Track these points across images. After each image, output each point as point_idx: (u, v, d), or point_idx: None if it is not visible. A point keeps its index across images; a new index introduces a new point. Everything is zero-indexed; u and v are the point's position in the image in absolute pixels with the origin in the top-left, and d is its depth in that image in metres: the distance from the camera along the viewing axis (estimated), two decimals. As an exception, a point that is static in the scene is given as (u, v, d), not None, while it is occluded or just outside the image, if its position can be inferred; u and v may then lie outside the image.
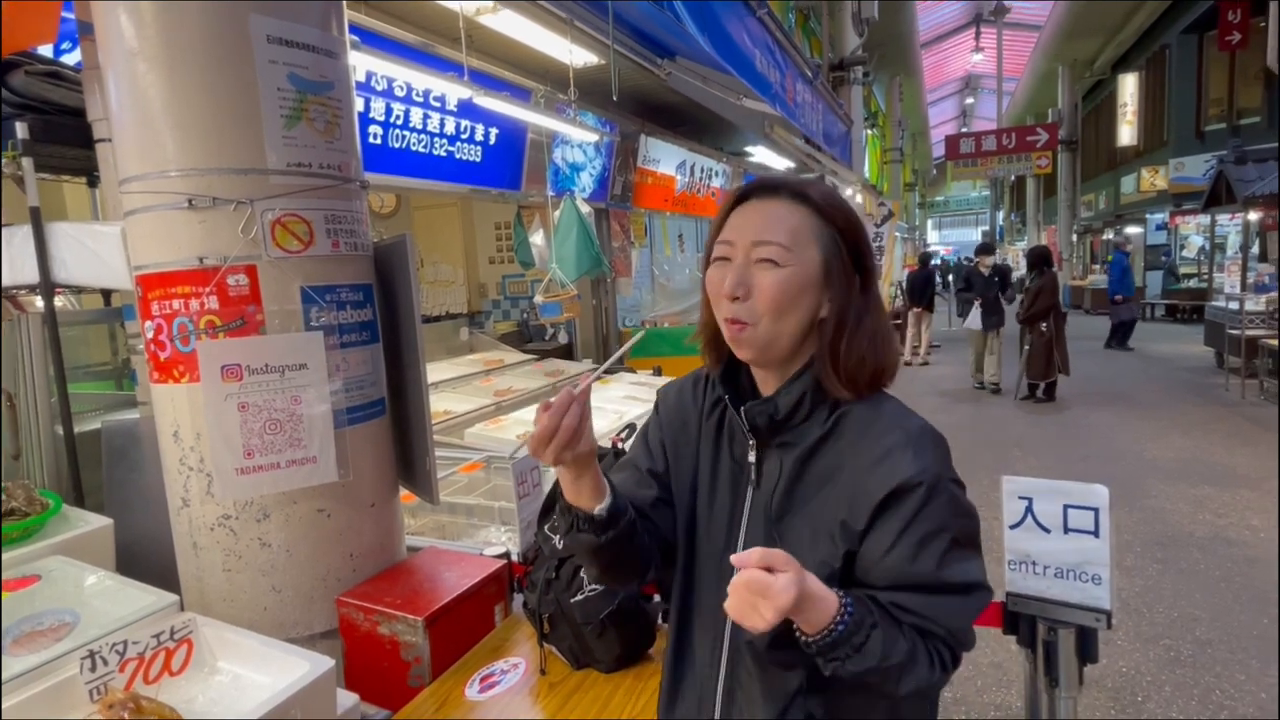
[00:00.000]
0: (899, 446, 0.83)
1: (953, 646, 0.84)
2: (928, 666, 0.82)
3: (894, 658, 0.79)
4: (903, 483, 0.81)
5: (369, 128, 3.25)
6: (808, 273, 0.85)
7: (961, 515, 0.84)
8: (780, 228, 0.85)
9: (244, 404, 1.33)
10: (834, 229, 0.87)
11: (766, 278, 0.84)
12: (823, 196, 0.88)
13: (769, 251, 0.84)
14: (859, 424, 0.87)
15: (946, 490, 0.83)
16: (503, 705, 1.25)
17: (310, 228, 1.38)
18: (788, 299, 0.84)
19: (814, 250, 0.86)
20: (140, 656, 1.08)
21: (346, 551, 1.46)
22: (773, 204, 0.87)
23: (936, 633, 0.83)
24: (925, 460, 0.83)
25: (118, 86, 1.34)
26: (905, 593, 0.82)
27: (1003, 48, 19.34)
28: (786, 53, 4.79)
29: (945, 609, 0.83)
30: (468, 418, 3.22)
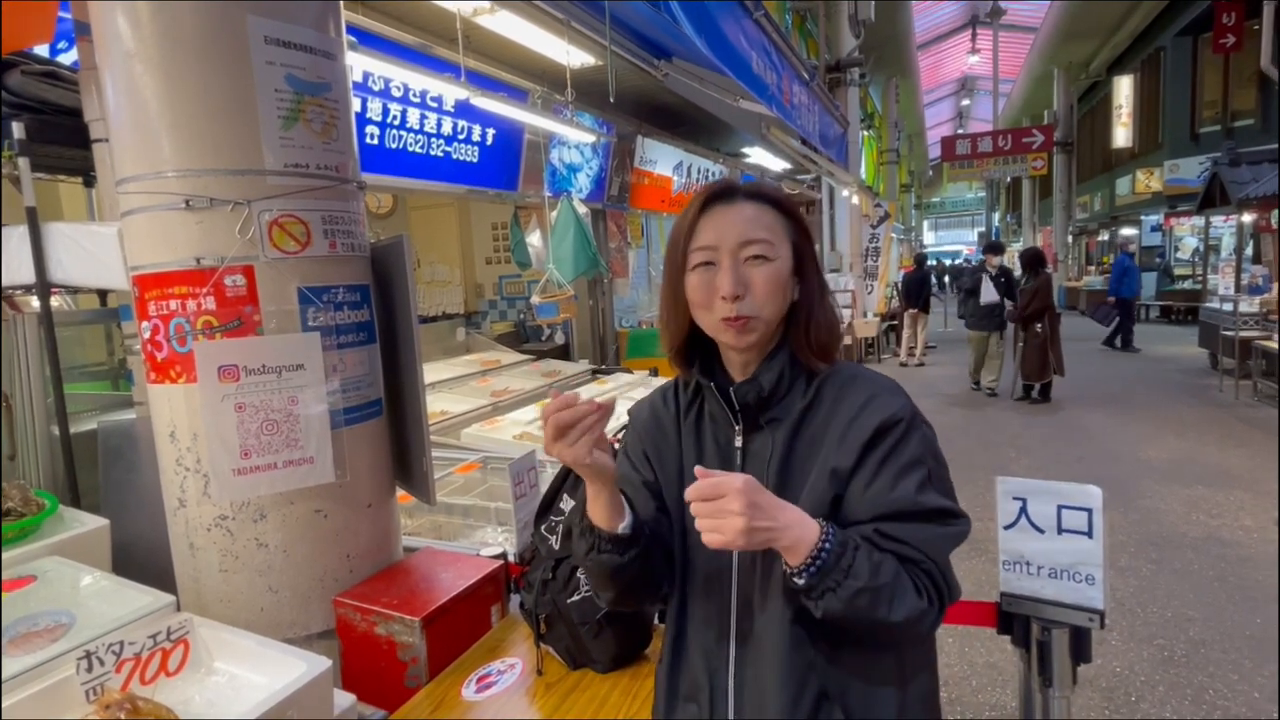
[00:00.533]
0: (878, 394, 0.92)
1: (936, 580, 0.86)
2: (915, 593, 0.84)
3: (882, 577, 0.81)
4: (886, 419, 0.88)
5: (366, 128, 3.25)
6: (786, 265, 0.93)
7: (934, 456, 0.91)
8: (761, 226, 0.92)
9: (241, 404, 1.33)
10: (795, 223, 0.96)
11: (760, 272, 0.91)
12: (780, 196, 0.97)
13: (760, 248, 0.91)
14: (836, 387, 0.94)
15: (920, 428, 0.90)
16: (499, 705, 1.25)
17: (307, 228, 1.38)
18: (779, 288, 0.92)
19: (785, 246, 0.94)
20: (137, 657, 1.08)
21: (343, 552, 1.47)
22: (742, 207, 0.93)
23: (919, 561, 0.85)
24: (902, 401, 0.92)
25: (114, 87, 1.34)
26: (887, 521, 0.86)
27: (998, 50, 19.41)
28: (783, 54, 4.80)
29: (925, 535, 0.86)
30: (465, 418, 3.22)
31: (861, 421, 0.89)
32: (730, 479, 0.77)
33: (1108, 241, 19.50)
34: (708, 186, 0.97)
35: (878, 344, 11.34)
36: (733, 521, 0.76)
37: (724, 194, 0.95)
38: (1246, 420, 6.48)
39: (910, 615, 0.83)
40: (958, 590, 0.90)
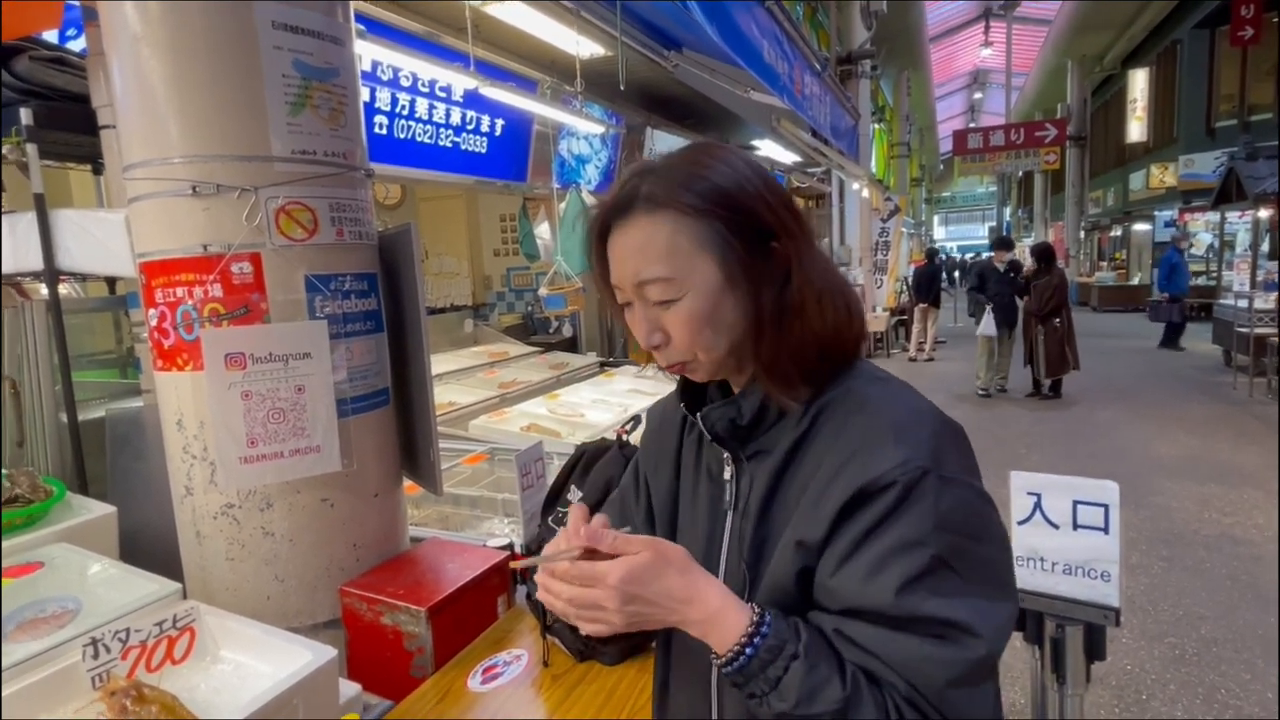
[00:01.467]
0: (878, 437, 0.66)
1: (924, 712, 0.61)
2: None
3: (818, 704, 0.61)
4: (869, 482, 0.64)
5: (375, 118, 3.24)
6: (709, 287, 0.70)
7: (958, 527, 0.63)
8: (652, 256, 0.69)
9: (247, 392, 1.32)
10: (714, 221, 0.69)
11: (670, 318, 0.71)
12: (676, 183, 0.69)
13: (655, 292, 0.70)
14: (838, 416, 0.70)
15: (933, 490, 0.62)
16: (505, 696, 1.24)
17: (315, 216, 1.37)
18: (703, 326, 0.70)
19: (704, 259, 0.69)
20: (142, 644, 1.07)
21: (350, 541, 1.46)
22: (634, 228, 0.71)
23: (894, 684, 0.62)
24: (908, 450, 0.64)
25: (121, 72, 1.33)
26: (855, 620, 0.64)
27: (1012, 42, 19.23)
28: (794, 44, 4.76)
29: (904, 651, 0.62)
30: (472, 409, 3.21)
31: (841, 481, 0.65)
32: (607, 571, 0.63)
33: (1121, 237, 19.33)
34: (608, 198, 0.74)
35: (887, 339, 11.29)
36: (607, 616, 0.64)
37: (617, 210, 0.72)
38: (1260, 418, 6.41)
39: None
40: (972, 709, 0.62)
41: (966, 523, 0.64)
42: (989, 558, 0.65)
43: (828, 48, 10.02)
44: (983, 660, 0.61)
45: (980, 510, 0.66)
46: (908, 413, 0.68)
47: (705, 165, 0.70)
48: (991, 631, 0.62)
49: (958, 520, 0.63)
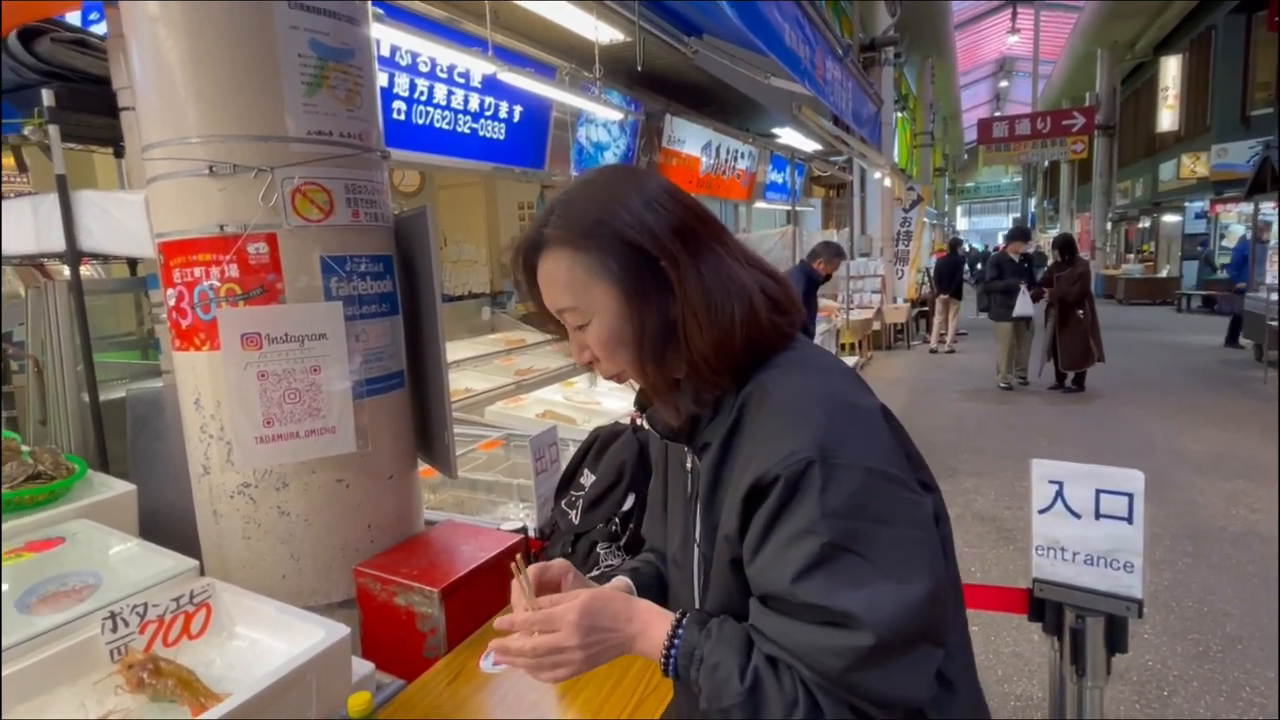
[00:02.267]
0: (772, 430, 0.69)
1: (834, 695, 0.64)
2: (781, 710, 0.65)
3: (725, 699, 0.67)
4: (759, 476, 0.67)
5: (392, 103, 3.24)
6: (609, 310, 0.75)
7: (851, 512, 0.64)
8: (557, 288, 0.77)
9: (263, 373, 1.33)
10: (597, 253, 0.74)
11: (588, 340, 0.78)
12: (569, 225, 0.75)
13: (569, 319, 0.78)
14: (753, 408, 0.74)
15: (819, 479, 0.64)
16: (518, 678, 1.24)
17: (330, 197, 1.37)
18: (613, 345, 0.76)
19: (600, 288, 0.74)
20: (160, 619, 1.08)
21: (365, 522, 1.47)
22: (543, 262, 0.78)
23: (799, 670, 0.66)
24: (794, 442, 0.66)
25: (140, 53, 1.33)
26: (766, 611, 0.69)
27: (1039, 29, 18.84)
28: (817, 28, 4.69)
29: (800, 637, 0.65)
30: (488, 396, 3.22)
31: (746, 475, 0.69)
32: (564, 610, 0.73)
33: (1149, 228, 18.95)
34: (520, 238, 0.80)
35: (907, 330, 11.17)
36: (570, 655, 0.73)
37: (532, 249, 0.78)
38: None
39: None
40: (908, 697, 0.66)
41: (861, 507, 0.64)
42: (892, 539, 0.65)
43: (850, 34, 9.88)
44: (874, 648, 0.62)
45: (879, 492, 0.66)
46: (805, 401, 0.70)
47: (592, 198, 0.76)
48: (883, 618, 0.62)
49: (850, 505, 0.64)
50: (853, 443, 0.67)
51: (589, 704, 1.17)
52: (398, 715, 1.16)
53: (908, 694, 0.65)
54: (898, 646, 0.63)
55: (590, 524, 1.33)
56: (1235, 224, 15.21)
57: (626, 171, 0.82)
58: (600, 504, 1.34)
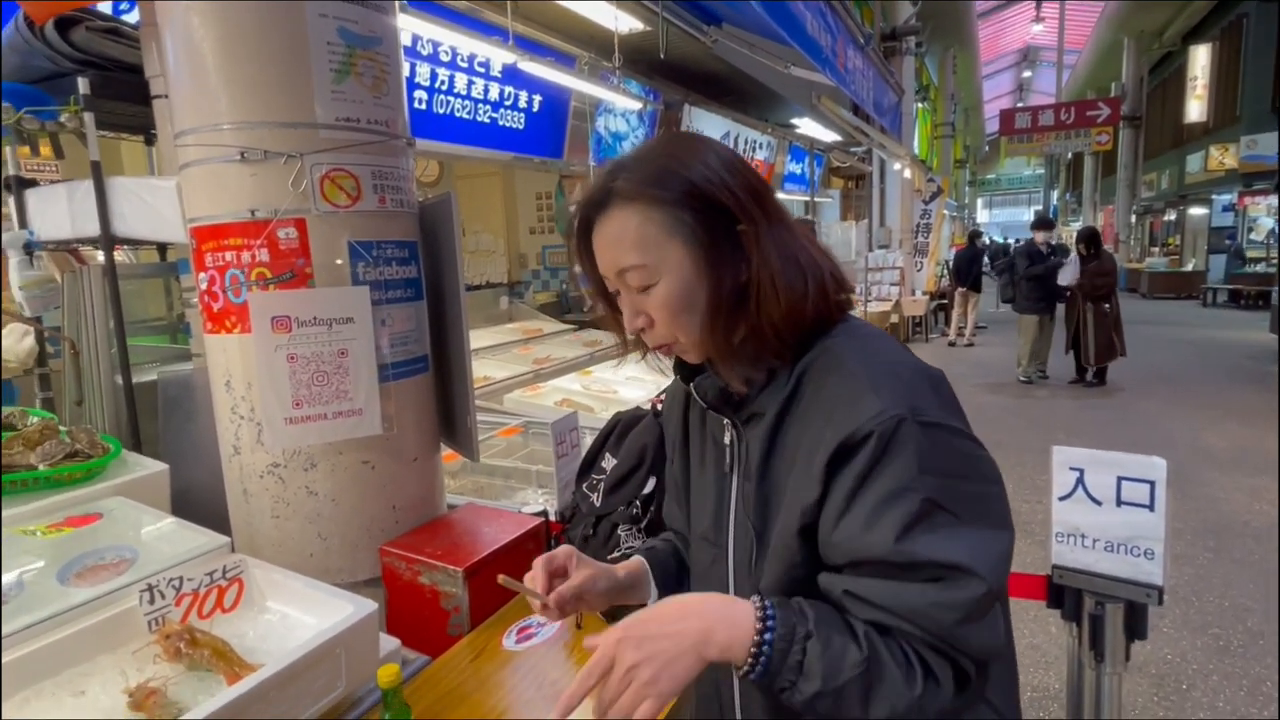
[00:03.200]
0: (853, 392, 0.68)
1: (943, 650, 0.64)
2: (903, 679, 0.63)
3: (844, 674, 0.62)
4: (849, 435, 0.65)
5: (414, 93, 3.26)
6: (681, 272, 0.73)
7: (941, 470, 0.65)
8: (625, 245, 0.73)
9: (293, 355, 1.36)
10: (679, 210, 0.72)
11: (650, 303, 0.75)
12: (645, 178, 0.73)
13: (633, 278, 0.74)
14: (818, 376, 0.72)
15: (913, 436, 0.64)
16: (539, 656, 1.27)
17: (358, 183, 1.39)
18: (680, 310, 0.74)
19: (674, 245, 0.73)
20: (195, 593, 1.12)
21: (390, 503, 1.50)
22: (607, 221, 0.75)
23: (908, 631, 0.64)
24: (883, 401, 0.65)
25: (173, 41, 1.36)
26: (859, 575, 0.66)
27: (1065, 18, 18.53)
28: (839, 16, 4.66)
29: (911, 598, 0.64)
30: (507, 384, 3.25)
31: (825, 439, 0.68)
32: (602, 639, 0.66)
33: (1174, 221, 18.63)
34: (580, 201, 0.78)
35: (925, 323, 11.08)
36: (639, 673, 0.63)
37: (591, 207, 0.76)
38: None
39: (898, 710, 0.63)
40: (988, 644, 0.66)
41: (951, 463, 0.66)
42: (979, 493, 0.67)
43: (872, 23, 9.78)
44: (985, 596, 0.63)
45: (963, 449, 0.67)
46: (881, 365, 0.70)
47: (671, 157, 0.74)
48: (989, 567, 0.64)
49: (941, 462, 0.65)
50: (936, 402, 0.68)
51: (609, 682, 1.19)
52: (423, 690, 1.18)
53: (996, 642, 0.67)
54: (998, 594, 0.65)
55: (612, 506, 1.35)
56: (1264, 217, 14.92)
57: (698, 135, 0.80)
58: (622, 487, 1.36)
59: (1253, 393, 6.89)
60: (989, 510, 0.67)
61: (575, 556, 0.89)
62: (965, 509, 0.65)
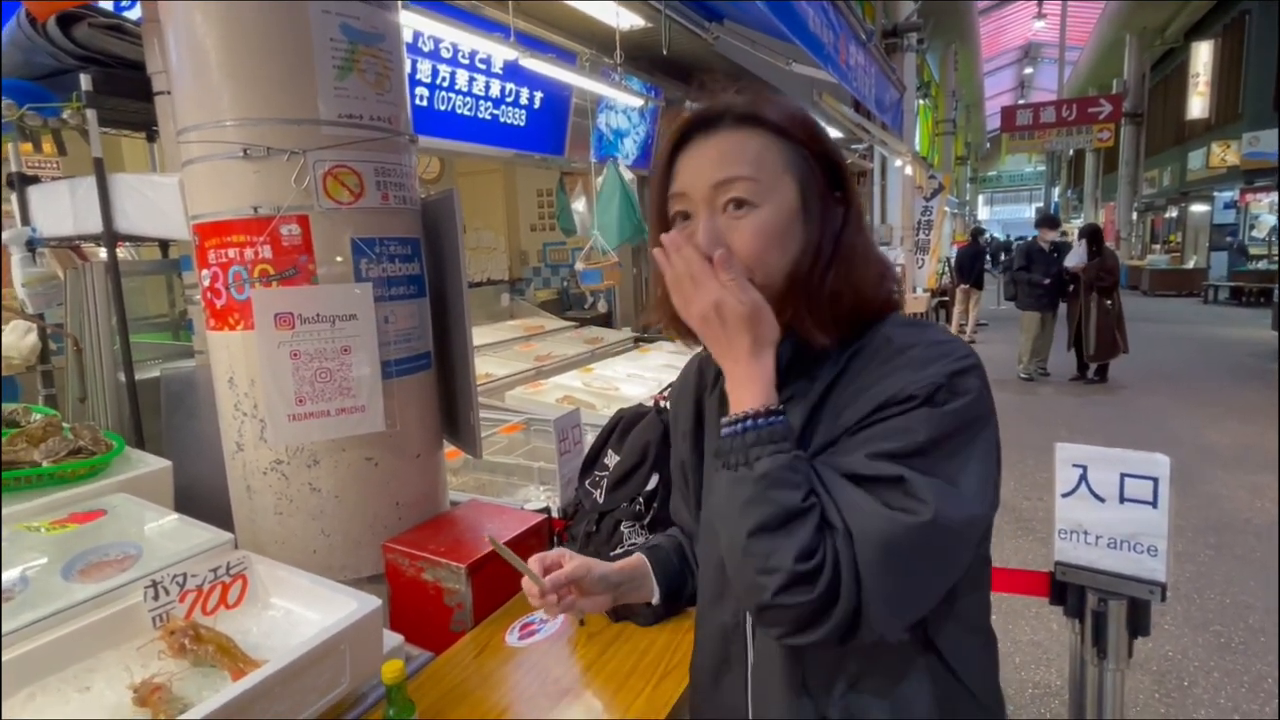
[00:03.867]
0: (903, 366, 0.69)
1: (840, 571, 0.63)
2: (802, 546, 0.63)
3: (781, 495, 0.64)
4: (894, 393, 0.67)
5: (416, 89, 3.26)
6: (787, 206, 0.72)
7: (951, 427, 0.66)
8: (742, 159, 0.71)
9: (296, 352, 1.36)
10: (801, 147, 0.73)
11: (744, 225, 0.71)
12: (779, 111, 0.73)
13: (739, 190, 0.71)
14: (867, 356, 0.73)
15: (942, 399, 0.67)
16: (542, 652, 1.27)
17: (361, 179, 1.39)
18: (772, 244, 0.71)
19: (786, 180, 0.72)
20: (199, 589, 1.12)
21: (393, 500, 1.50)
22: (722, 138, 0.73)
23: (836, 525, 0.65)
24: (928, 375, 0.67)
25: (176, 37, 1.36)
26: (829, 469, 0.68)
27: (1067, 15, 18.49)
28: (840, 12, 4.64)
29: (854, 500, 0.65)
30: (508, 381, 3.25)
31: (873, 393, 0.69)
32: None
33: (1176, 218, 18.60)
34: (683, 116, 0.76)
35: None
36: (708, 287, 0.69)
37: (703, 123, 0.74)
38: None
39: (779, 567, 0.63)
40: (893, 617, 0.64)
41: (961, 427, 0.67)
42: (970, 456, 0.67)
43: (873, 19, 9.76)
44: (923, 529, 0.63)
45: (977, 428, 0.68)
46: (932, 345, 0.71)
47: (791, 101, 0.76)
48: (943, 510, 0.63)
49: (952, 422, 0.66)
50: (976, 385, 0.69)
51: (612, 678, 1.19)
52: (426, 686, 1.19)
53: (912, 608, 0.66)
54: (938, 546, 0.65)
55: (615, 503, 1.35)
56: (1266, 214, 14.89)
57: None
58: (624, 484, 1.36)
59: (1254, 390, 6.89)
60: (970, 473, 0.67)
61: (568, 555, 0.89)
62: (950, 462, 0.66)
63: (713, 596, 0.86)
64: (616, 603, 0.93)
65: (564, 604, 0.87)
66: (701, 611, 0.90)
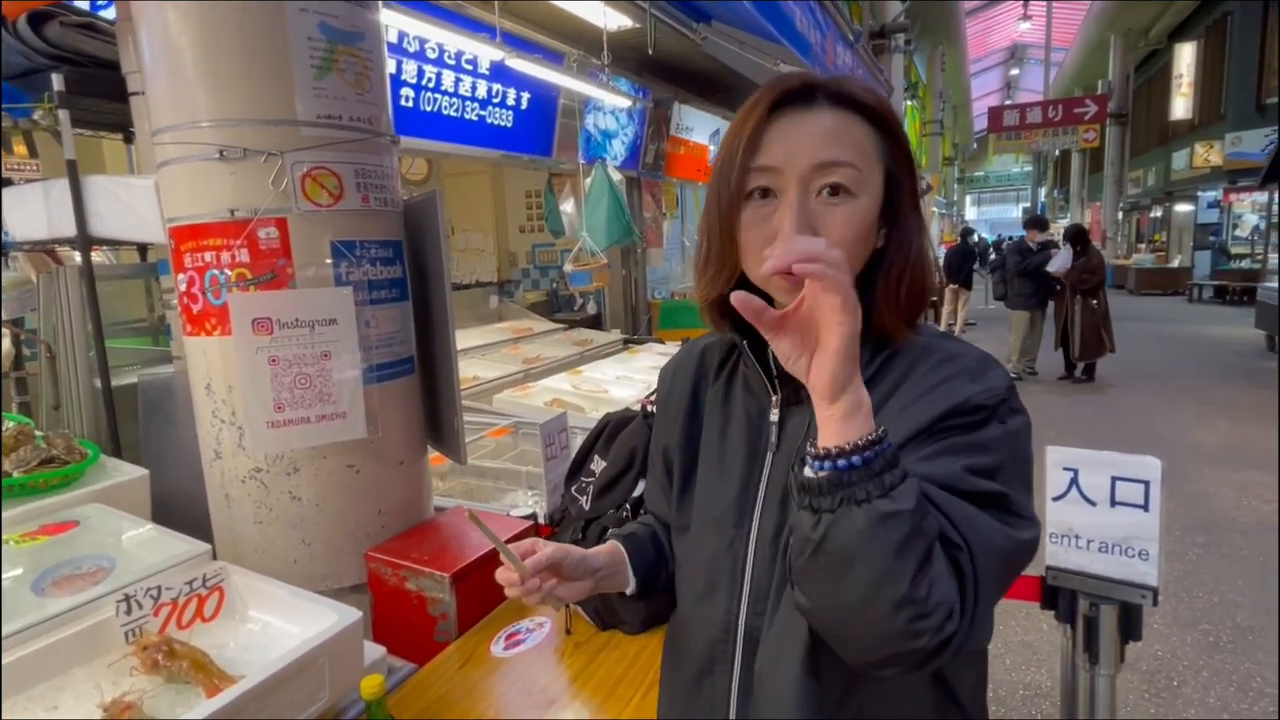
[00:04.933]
0: (958, 375, 0.68)
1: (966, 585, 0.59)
2: (947, 574, 0.58)
3: (927, 526, 0.57)
4: (961, 402, 0.66)
5: (400, 90, 3.22)
6: (876, 201, 0.70)
7: (1014, 450, 0.67)
8: (846, 144, 0.68)
9: (274, 358, 1.33)
10: (895, 144, 0.72)
11: (838, 214, 0.67)
12: (878, 101, 0.71)
13: (842, 175, 0.67)
14: (905, 363, 0.72)
15: (1007, 414, 0.67)
16: (528, 662, 1.25)
17: (340, 181, 1.37)
18: (862, 235, 0.69)
19: (878, 172, 0.70)
20: (174, 602, 1.09)
21: (375, 507, 1.47)
22: (826, 116, 0.69)
23: (958, 546, 0.60)
24: (986, 386, 0.67)
25: (150, 36, 1.33)
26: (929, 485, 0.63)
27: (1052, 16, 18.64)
28: (828, 13, 4.64)
29: (971, 516, 0.62)
30: (496, 384, 3.22)
31: (932, 399, 0.67)
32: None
33: (1161, 218, 18.77)
34: (777, 83, 0.71)
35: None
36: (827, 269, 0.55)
37: (801, 94, 0.69)
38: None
39: (941, 602, 0.57)
40: (985, 630, 0.63)
41: (1019, 448, 0.68)
42: (1026, 481, 0.69)
43: (860, 20, 9.78)
44: (1028, 548, 0.65)
45: (1028, 443, 0.70)
46: (980, 358, 0.72)
47: (883, 95, 0.77)
48: (1034, 528, 0.66)
49: (1014, 443, 0.68)
50: (1018, 399, 0.71)
51: (599, 688, 1.17)
52: (409, 698, 1.16)
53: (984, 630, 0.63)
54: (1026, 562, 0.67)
55: (601, 510, 1.33)
56: (1249, 214, 15.05)
57: None
58: (611, 490, 1.34)
59: (1239, 388, 6.95)
60: (1028, 499, 0.68)
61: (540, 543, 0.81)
62: (1015, 480, 0.67)
63: (698, 594, 0.81)
64: (596, 590, 0.85)
65: (545, 589, 0.78)
66: (684, 609, 0.85)
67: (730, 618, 0.78)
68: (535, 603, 0.79)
